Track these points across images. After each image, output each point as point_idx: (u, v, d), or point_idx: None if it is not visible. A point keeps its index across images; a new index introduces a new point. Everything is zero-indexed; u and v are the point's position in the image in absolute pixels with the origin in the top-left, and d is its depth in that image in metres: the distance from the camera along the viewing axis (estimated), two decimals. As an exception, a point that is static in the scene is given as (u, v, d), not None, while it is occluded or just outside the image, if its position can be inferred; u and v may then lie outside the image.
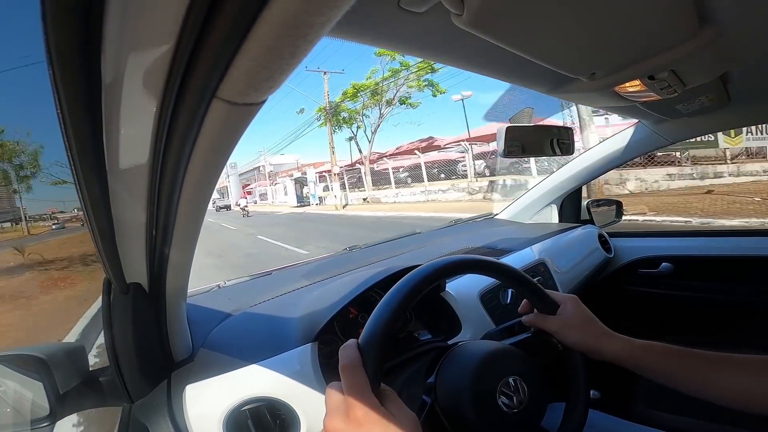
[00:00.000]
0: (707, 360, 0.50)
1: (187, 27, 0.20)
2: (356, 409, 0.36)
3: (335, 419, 0.37)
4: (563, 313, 0.57)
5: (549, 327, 0.56)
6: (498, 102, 9.76)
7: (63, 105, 0.24)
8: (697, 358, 0.51)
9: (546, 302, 0.58)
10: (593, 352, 0.54)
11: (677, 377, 0.50)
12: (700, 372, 0.49)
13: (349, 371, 0.39)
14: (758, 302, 1.21)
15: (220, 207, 29.74)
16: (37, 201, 17.36)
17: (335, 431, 0.36)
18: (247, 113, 0.26)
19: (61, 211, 16.98)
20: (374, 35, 0.45)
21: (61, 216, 17.13)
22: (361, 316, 0.75)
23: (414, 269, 0.49)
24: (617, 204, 1.60)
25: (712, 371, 0.49)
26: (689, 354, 0.51)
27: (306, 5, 0.19)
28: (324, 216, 14.08)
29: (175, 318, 0.55)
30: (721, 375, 0.49)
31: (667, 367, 0.51)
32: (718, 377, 0.49)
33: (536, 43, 0.47)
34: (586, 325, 0.56)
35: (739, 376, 0.48)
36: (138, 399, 0.55)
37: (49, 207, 18.01)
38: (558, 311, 0.57)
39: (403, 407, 0.38)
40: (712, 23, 0.47)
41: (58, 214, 17.19)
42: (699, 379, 0.49)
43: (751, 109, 1.02)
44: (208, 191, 0.36)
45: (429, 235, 1.50)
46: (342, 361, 0.40)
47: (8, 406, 0.53)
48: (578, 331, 0.55)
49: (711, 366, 0.49)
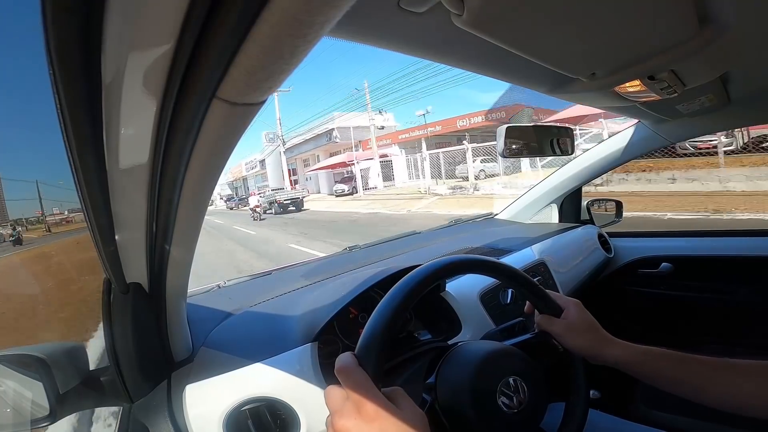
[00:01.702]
0: (708, 366, 0.50)
1: (187, 27, 0.20)
2: (366, 405, 0.35)
3: (344, 418, 0.36)
4: (567, 316, 0.57)
5: (554, 330, 0.57)
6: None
7: (63, 105, 0.24)
8: (697, 363, 0.51)
9: (550, 305, 0.58)
10: (594, 357, 0.55)
11: (677, 382, 0.51)
12: (701, 377, 0.49)
13: (345, 373, 0.38)
14: (758, 302, 1.20)
15: (285, 201, 16.24)
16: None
17: (347, 430, 0.35)
18: (247, 113, 0.26)
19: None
20: (374, 35, 0.45)
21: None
22: (361, 316, 0.75)
23: (414, 269, 0.49)
24: (617, 204, 1.60)
25: (713, 377, 0.49)
26: (689, 359, 0.51)
27: (306, 5, 0.19)
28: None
29: (175, 318, 0.55)
30: (722, 381, 0.48)
31: (668, 373, 0.51)
32: (719, 383, 0.48)
33: (536, 43, 0.47)
34: (590, 330, 0.56)
35: (740, 382, 0.48)
36: (138, 399, 0.55)
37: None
38: (562, 315, 0.57)
39: (411, 403, 0.38)
40: (712, 23, 0.47)
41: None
42: (700, 385, 0.49)
43: (751, 109, 1.02)
44: (208, 191, 0.36)
45: (429, 235, 1.50)
46: (337, 365, 0.39)
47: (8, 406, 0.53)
48: (582, 336, 0.55)
49: (712, 371, 0.49)
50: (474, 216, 1.76)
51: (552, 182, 1.50)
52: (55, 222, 6.61)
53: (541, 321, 0.58)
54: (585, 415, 0.55)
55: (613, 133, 1.34)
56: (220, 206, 32.46)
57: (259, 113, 0.28)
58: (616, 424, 0.77)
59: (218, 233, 11.27)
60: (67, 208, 6.10)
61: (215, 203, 37.11)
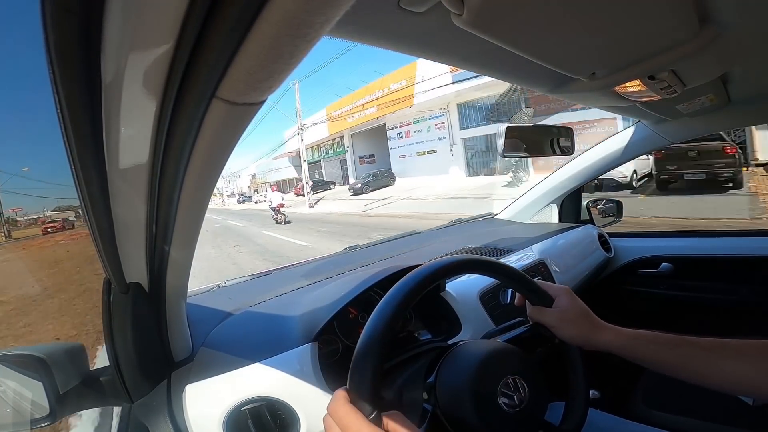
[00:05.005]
0: (701, 347, 0.50)
1: (187, 27, 0.20)
2: None
3: None
4: (559, 305, 0.57)
5: (547, 321, 0.57)
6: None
7: (63, 105, 0.24)
8: (690, 345, 0.51)
9: (540, 295, 0.58)
10: (588, 344, 0.55)
11: (672, 365, 0.51)
12: (695, 359, 0.49)
13: (338, 416, 0.39)
14: (758, 302, 1.21)
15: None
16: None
17: None
18: (247, 113, 0.26)
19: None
20: (374, 35, 0.45)
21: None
22: (361, 316, 0.75)
23: (414, 269, 0.49)
24: (617, 204, 1.60)
25: (707, 358, 0.49)
26: (682, 341, 0.51)
27: (306, 5, 0.19)
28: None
29: (175, 318, 0.55)
30: (716, 361, 0.49)
31: (661, 355, 0.51)
32: (713, 364, 0.49)
33: (536, 43, 0.47)
34: (582, 318, 0.56)
35: (735, 362, 0.48)
36: (138, 399, 0.55)
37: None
38: (554, 304, 0.57)
39: (408, 426, 0.39)
40: (712, 23, 0.47)
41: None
42: (694, 366, 0.49)
43: (751, 109, 1.02)
44: (208, 190, 0.36)
45: (428, 235, 1.50)
46: (328, 407, 0.41)
47: (8, 406, 0.53)
48: (575, 324, 0.56)
49: (706, 353, 0.49)
50: (474, 216, 1.76)
51: (552, 182, 1.50)
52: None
53: (533, 313, 0.58)
54: (585, 412, 0.55)
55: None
56: (230, 205, 32.25)
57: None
58: (616, 424, 0.77)
59: (242, 238, 9.20)
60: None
61: (225, 201, 36.64)
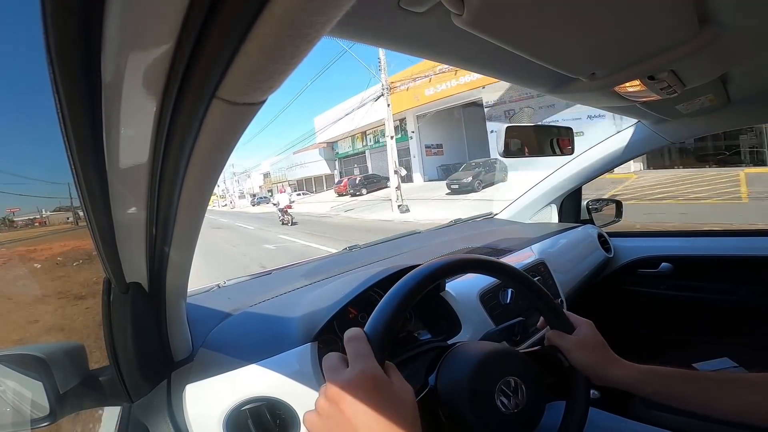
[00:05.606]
0: (712, 380, 0.51)
1: (187, 27, 0.20)
2: (358, 370, 0.38)
3: (340, 375, 0.38)
4: (578, 334, 0.58)
5: (563, 344, 0.57)
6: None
7: (63, 105, 0.24)
8: (701, 379, 0.52)
9: (563, 322, 0.59)
10: (599, 376, 0.56)
11: (682, 399, 0.51)
12: (706, 393, 0.50)
13: (353, 342, 0.41)
14: (758, 302, 1.21)
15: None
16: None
17: (338, 384, 0.38)
18: (247, 113, 0.26)
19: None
20: (374, 35, 0.45)
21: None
22: (361, 316, 0.75)
23: (414, 269, 0.50)
24: (617, 204, 1.60)
25: (718, 391, 0.50)
26: (693, 376, 0.52)
27: (306, 5, 0.19)
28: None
29: (174, 317, 0.55)
30: (728, 394, 0.49)
31: (673, 390, 0.52)
32: (725, 396, 0.49)
33: (536, 43, 0.47)
34: (598, 349, 0.57)
35: (746, 394, 0.48)
36: (138, 399, 0.55)
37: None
38: (574, 333, 0.58)
39: (401, 379, 0.40)
40: (712, 24, 0.47)
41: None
42: (705, 400, 0.50)
43: (750, 109, 1.02)
44: (208, 191, 0.36)
45: (428, 235, 1.50)
46: (346, 335, 0.43)
47: (8, 406, 0.53)
48: (590, 353, 0.56)
49: (717, 386, 0.50)
50: (474, 216, 1.76)
51: (552, 182, 1.50)
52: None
53: (552, 335, 0.59)
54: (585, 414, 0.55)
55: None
56: (243, 207, 31.04)
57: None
58: (616, 423, 0.77)
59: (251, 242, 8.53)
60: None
61: (234, 203, 35.33)
